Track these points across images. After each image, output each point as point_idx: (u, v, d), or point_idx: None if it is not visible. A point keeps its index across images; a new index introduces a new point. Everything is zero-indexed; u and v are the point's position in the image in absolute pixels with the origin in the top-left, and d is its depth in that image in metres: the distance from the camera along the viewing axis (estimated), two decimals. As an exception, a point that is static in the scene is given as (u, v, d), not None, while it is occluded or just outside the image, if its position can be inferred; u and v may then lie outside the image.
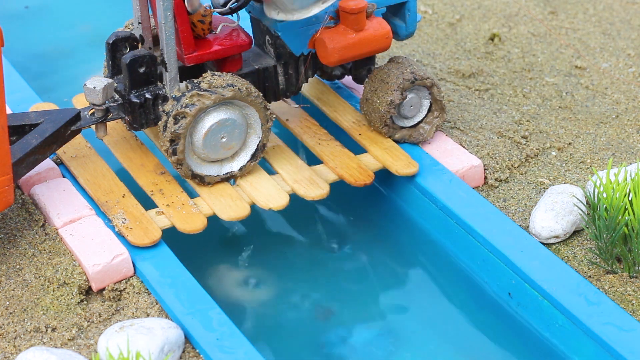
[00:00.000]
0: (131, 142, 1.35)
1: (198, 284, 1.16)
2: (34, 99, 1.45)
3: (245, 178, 1.30)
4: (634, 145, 1.39)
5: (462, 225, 1.26)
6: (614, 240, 1.14)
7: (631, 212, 1.14)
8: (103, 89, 1.23)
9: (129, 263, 1.17)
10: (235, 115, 1.25)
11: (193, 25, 1.26)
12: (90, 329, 1.12)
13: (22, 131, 1.24)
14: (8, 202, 1.17)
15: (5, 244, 1.21)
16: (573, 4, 1.75)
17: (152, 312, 1.13)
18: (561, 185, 1.27)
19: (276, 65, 1.33)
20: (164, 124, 1.24)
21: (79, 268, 1.17)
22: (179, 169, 1.26)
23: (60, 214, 1.23)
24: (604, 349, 1.09)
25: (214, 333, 1.10)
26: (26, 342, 1.10)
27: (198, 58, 1.26)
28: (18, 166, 1.19)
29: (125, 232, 1.20)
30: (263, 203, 1.26)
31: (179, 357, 1.08)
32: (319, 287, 1.27)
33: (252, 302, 1.26)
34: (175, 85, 1.25)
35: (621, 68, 1.57)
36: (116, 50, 1.29)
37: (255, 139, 1.28)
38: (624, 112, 1.46)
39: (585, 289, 1.14)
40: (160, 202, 1.25)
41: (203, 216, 1.23)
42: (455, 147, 1.37)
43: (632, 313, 1.12)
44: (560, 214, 1.22)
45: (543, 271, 1.17)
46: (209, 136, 1.24)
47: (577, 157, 1.37)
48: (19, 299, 1.14)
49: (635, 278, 1.16)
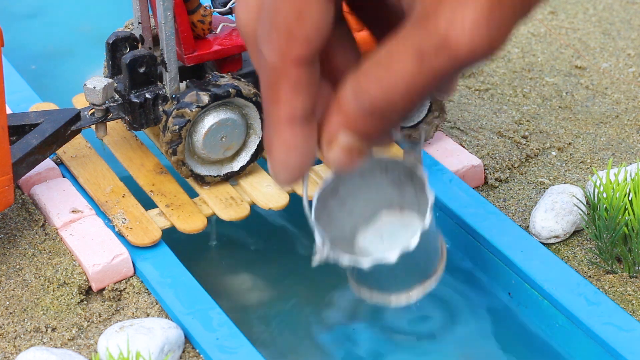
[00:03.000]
0: (131, 142, 1.35)
1: (198, 284, 1.16)
2: (34, 99, 1.45)
3: (245, 178, 1.30)
4: (634, 145, 1.39)
5: (462, 225, 1.26)
6: (614, 240, 1.14)
7: (631, 212, 1.14)
8: (103, 89, 1.23)
9: (129, 263, 1.17)
10: (235, 115, 1.25)
11: (193, 25, 1.26)
12: (90, 329, 1.12)
13: (22, 131, 1.24)
14: (8, 202, 1.17)
15: (5, 244, 1.21)
16: (573, 4, 1.75)
17: (152, 312, 1.13)
18: (561, 185, 1.27)
19: (276, 65, 1.32)
20: (163, 124, 1.24)
21: (79, 268, 1.17)
22: (179, 169, 1.26)
23: (60, 214, 1.23)
24: (604, 349, 1.09)
25: (214, 333, 1.10)
26: (26, 342, 1.10)
27: (198, 58, 1.26)
28: (18, 166, 1.19)
29: (125, 232, 1.20)
30: (263, 203, 1.26)
31: (179, 357, 1.08)
32: (321, 286, 1.27)
33: (253, 302, 1.26)
34: (175, 85, 1.25)
35: (621, 68, 1.57)
36: (116, 50, 1.29)
37: (255, 139, 1.28)
38: (624, 112, 1.46)
39: (585, 289, 1.14)
40: (160, 202, 1.25)
41: (203, 216, 1.23)
42: (455, 147, 1.37)
43: (632, 313, 1.12)
44: (560, 214, 1.22)
45: (543, 271, 1.17)
46: (209, 136, 1.24)
47: (577, 157, 1.37)
48: (19, 299, 1.14)
49: (635, 278, 1.16)
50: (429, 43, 0.70)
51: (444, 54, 0.70)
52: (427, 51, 0.70)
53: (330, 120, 0.78)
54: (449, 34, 0.69)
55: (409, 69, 0.71)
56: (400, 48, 0.71)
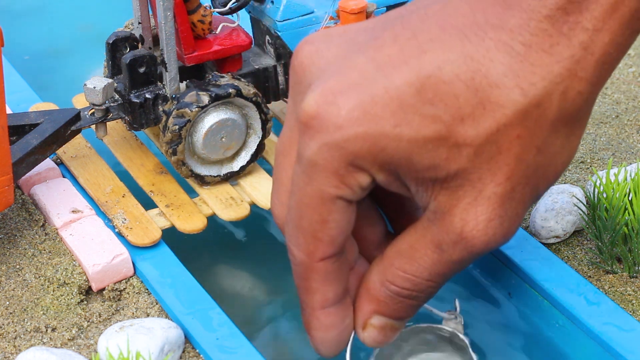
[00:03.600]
0: (131, 142, 1.35)
1: (198, 284, 1.16)
2: (34, 99, 1.45)
3: (245, 178, 1.30)
4: (634, 145, 1.39)
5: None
6: (614, 240, 1.14)
7: (631, 212, 1.14)
8: (103, 89, 1.23)
9: (129, 263, 1.17)
10: (235, 115, 1.25)
11: (193, 25, 1.26)
12: (90, 329, 1.12)
13: (22, 131, 1.24)
14: (8, 202, 1.17)
15: (5, 244, 1.21)
16: (573, 4, 1.75)
17: (152, 312, 1.13)
18: (561, 185, 1.27)
19: (276, 65, 1.33)
20: (163, 124, 1.24)
21: (79, 268, 1.17)
22: (179, 169, 1.26)
23: (60, 214, 1.23)
24: (604, 349, 1.09)
25: (214, 333, 1.10)
26: (26, 342, 1.10)
27: (198, 58, 1.26)
28: (18, 166, 1.19)
29: (125, 232, 1.20)
30: (263, 203, 1.26)
31: (179, 357, 1.08)
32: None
33: (253, 302, 1.26)
34: (175, 85, 1.25)
35: (621, 68, 1.57)
36: (116, 50, 1.29)
37: (255, 139, 1.28)
38: (624, 112, 1.46)
39: (585, 289, 1.14)
40: (160, 202, 1.25)
41: (203, 216, 1.23)
42: (455, 147, 1.37)
43: (632, 313, 1.12)
44: (560, 214, 1.22)
45: (543, 271, 1.17)
46: (209, 136, 1.24)
47: (577, 157, 1.36)
48: (19, 299, 1.14)
49: (635, 278, 1.16)
50: (447, 238, 0.75)
51: (460, 247, 0.74)
52: (445, 245, 0.75)
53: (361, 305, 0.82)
54: (464, 231, 0.73)
55: (429, 260, 0.76)
56: (420, 241, 0.77)
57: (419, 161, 0.71)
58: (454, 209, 0.72)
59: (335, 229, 0.76)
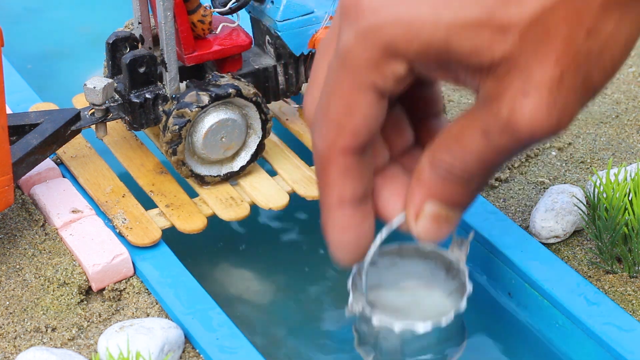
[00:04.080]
0: (131, 142, 1.35)
1: (198, 284, 1.16)
2: (34, 99, 1.45)
3: (245, 178, 1.30)
4: (634, 145, 1.39)
5: (462, 225, 1.26)
6: (614, 240, 1.14)
7: (631, 212, 1.14)
8: (103, 89, 1.23)
9: (129, 263, 1.17)
10: (235, 115, 1.25)
11: (193, 25, 1.26)
12: (90, 329, 1.12)
13: (22, 131, 1.24)
14: (8, 202, 1.17)
15: (5, 244, 1.21)
16: (573, 4, 1.75)
17: (152, 312, 1.13)
18: (561, 185, 1.27)
19: (276, 65, 1.33)
20: (163, 124, 1.24)
21: (79, 268, 1.17)
22: (179, 169, 1.26)
23: (60, 214, 1.23)
24: (604, 349, 1.09)
25: (214, 333, 1.10)
26: (26, 342, 1.10)
27: (198, 58, 1.26)
28: (18, 166, 1.19)
29: (125, 232, 1.20)
30: (263, 203, 1.26)
31: (179, 357, 1.08)
32: (320, 286, 1.27)
33: (253, 302, 1.26)
34: (175, 85, 1.25)
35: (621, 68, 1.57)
36: (116, 50, 1.29)
37: (255, 139, 1.28)
38: (624, 112, 1.46)
39: (585, 289, 1.14)
40: (160, 202, 1.25)
41: (203, 216, 1.23)
42: (455, 147, 1.37)
43: (632, 313, 1.12)
44: (560, 214, 1.22)
45: (543, 271, 1.17)
46: (209, 136, 1.24)
47: (577, 157, 1.36)
48: (19, 299, 1.14)
49: (635, 278, 1.16)
50: (494, 125, 0.73)
51: (507, 135, 0.73)
52: (492, 131, 0.74)
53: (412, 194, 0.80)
54: (511, 119, 0.72)
55: (476, 146, 0.75)
56: (469, 125, 0.74)
57: (459, 46, 0.70)
58: (501, 96, 0.71)
59: (361, 121, 0.75)
